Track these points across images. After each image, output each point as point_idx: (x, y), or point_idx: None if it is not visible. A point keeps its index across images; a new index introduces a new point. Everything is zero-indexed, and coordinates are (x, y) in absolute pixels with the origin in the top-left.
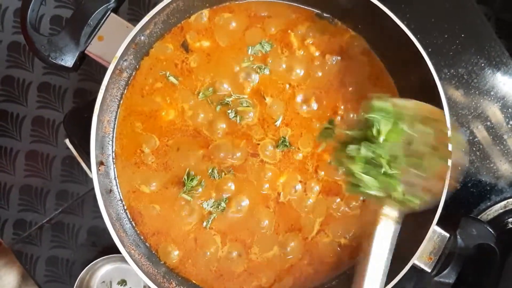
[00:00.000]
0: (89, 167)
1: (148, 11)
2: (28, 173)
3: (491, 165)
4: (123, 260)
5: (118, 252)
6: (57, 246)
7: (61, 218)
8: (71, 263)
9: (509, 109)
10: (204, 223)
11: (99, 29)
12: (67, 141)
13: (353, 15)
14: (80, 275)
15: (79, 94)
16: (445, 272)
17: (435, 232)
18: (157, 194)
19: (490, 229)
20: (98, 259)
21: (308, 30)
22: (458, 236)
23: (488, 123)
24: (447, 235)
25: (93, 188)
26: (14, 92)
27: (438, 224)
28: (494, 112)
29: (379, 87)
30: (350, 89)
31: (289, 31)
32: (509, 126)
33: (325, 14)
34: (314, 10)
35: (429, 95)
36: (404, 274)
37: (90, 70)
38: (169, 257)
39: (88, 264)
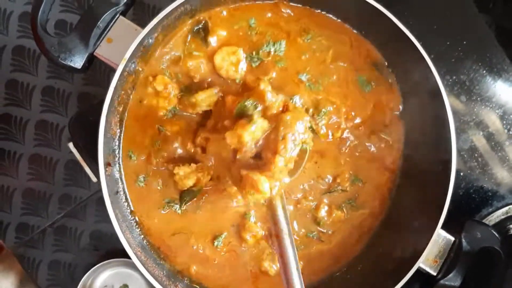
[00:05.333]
0: (92, 171)
1: (153, 15)
2: (31, 176)
3: (493, 171)
4: (126, 264)
5: (121, 256)
6: (60, 250)
7: (64, 222)
8: (73, 267)
9: (510, 116)
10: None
11: (108, 31)
12: (70, 145)
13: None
14: (82, 279)
15: (83, 98)
16: (450, 275)
17: (440, 236)
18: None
19: (494, 232)
20: (100, 264)
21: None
22: (463, 240)
23: (489, 130)
24: (452, 238)
25: (96, 192)
26: (18, 96)
27: (443, 227)
28: (495, 119)
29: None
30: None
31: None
32: (510, 133)
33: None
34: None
35: (434, 101)
36: (410, 278)
37: (94, 75)
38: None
39: (90, 269)
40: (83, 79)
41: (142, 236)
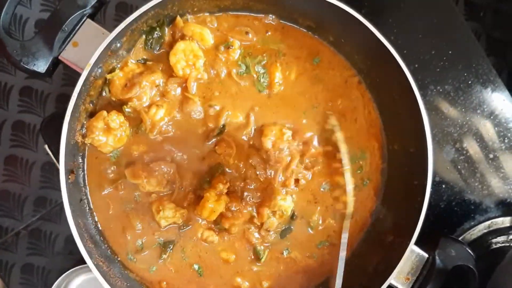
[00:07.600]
0: None
1: None
2: (6, 178)
3: (476, 184)
4: None
5: None
6: (33, 254)
7: (39, 225)
8: (47, 271)
9: (495, 128)
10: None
11: (74, 34)
12: (46, 146)
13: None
14: (55, 283)
15: (61, 99)
16: None
17: (413, 252)
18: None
19: (469, 251)
20: (75, 268)
21: None
22: (437, 257)
23: (474, 142)
24: (426, 255)
25: None
26: None
27: (417, 244)
28: (480, 130)
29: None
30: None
31: None
32: (495, 145)
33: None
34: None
35: (410, 111)
36: None
37: (73, 75)
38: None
39: (64, 273)
40: (62, 79)
41: (106, 245)
